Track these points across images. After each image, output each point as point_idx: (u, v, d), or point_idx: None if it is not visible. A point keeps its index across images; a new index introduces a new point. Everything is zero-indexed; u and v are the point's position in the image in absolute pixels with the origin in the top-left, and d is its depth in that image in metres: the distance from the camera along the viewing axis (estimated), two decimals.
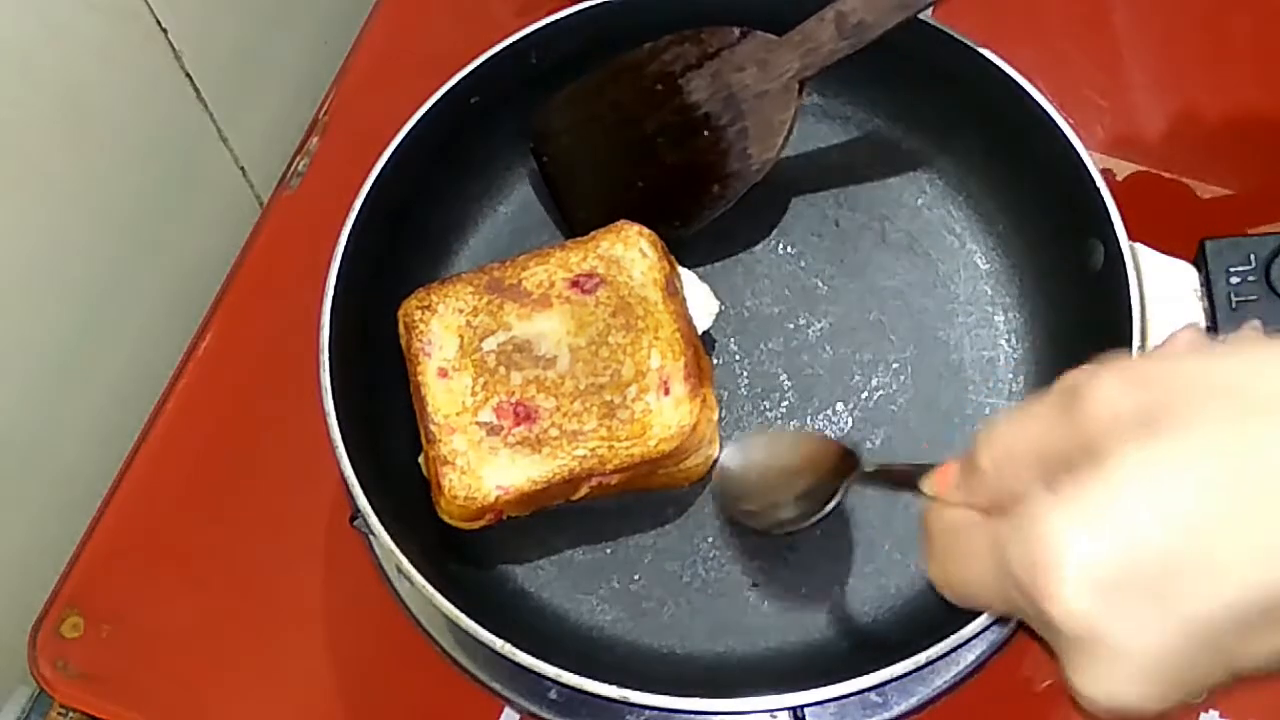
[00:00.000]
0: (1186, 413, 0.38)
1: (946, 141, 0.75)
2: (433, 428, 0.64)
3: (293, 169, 0.82)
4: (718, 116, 0.67)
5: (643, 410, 0.64)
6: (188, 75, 0.80)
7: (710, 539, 0.68)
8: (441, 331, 0.66)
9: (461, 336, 0.66)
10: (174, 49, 0.78)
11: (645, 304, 0.66)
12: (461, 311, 0.66)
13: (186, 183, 0.83)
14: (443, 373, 0.65)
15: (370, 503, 0.63)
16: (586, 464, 0.63)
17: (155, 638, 0.71)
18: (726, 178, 0.70)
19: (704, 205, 0.71)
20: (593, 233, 0.68)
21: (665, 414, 0.63)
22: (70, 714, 0.74)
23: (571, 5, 0.74)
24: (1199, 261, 0.67)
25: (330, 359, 0.66)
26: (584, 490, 0.65)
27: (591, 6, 0.74)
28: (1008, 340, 0.72)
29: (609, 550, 0.68)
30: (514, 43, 0.73)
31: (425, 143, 0.71)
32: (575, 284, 0.66)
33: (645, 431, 0.63)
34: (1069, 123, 0.69)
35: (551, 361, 0.65)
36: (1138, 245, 0.66)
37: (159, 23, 0.76)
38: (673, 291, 0.66)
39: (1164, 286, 0.66)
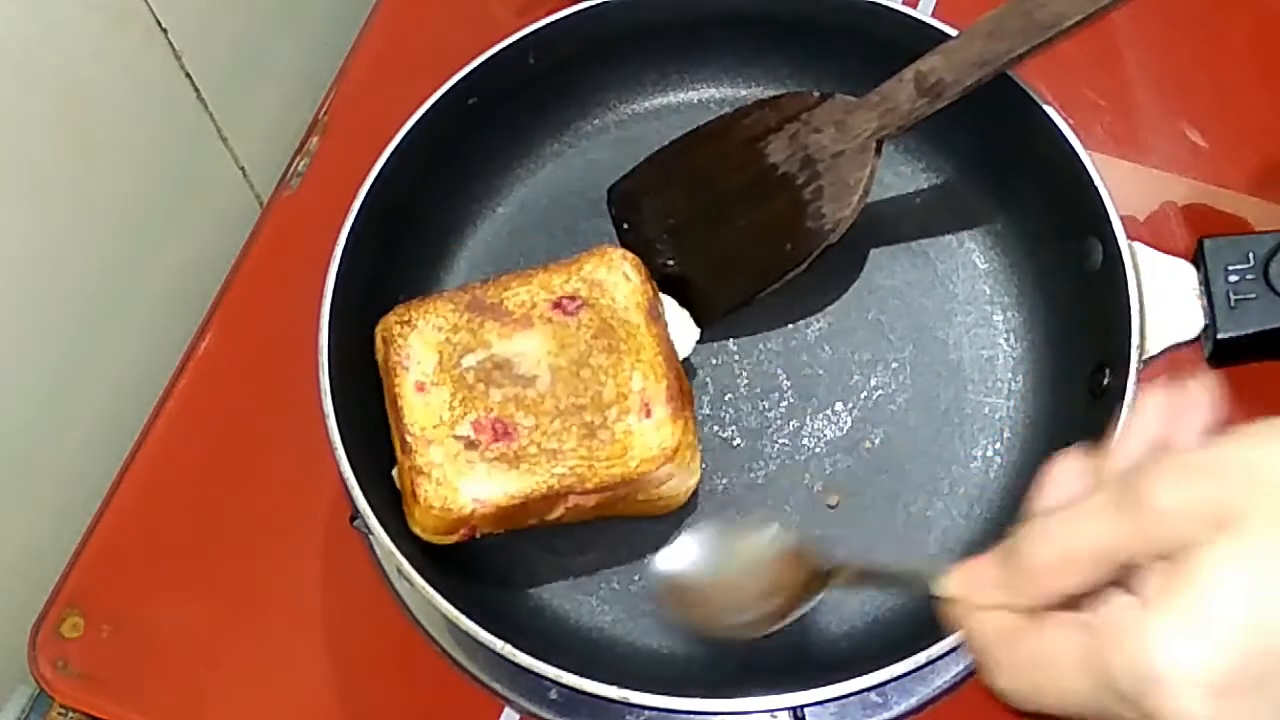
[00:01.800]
0: (1259, 505, 0.39)
1: (946, 141, 0.75)
2: (408, 439, 0.63)
3: (293, 169, 0.82)
4: (794, 177, 0.67)
5: (624, 431, 0.63)
6: (188, 75, 0.80)
7: None
8: (420, 347, 0.65)
9: (440, 353, 0.65)
10: (174, 49, 0.78)
11: (627, 327, 0.66)
12: (441, 329, 0.66)
13: (186, 183, 0.83)
14: (420, 387, 0.65)
15: (370, 503, 0.63)
16: (565, 482, 0.63)
17: (155, 638, 0.71)
18: (801, 236, 0.69)
19: (779, 265, 0.70)
20: (577, 255, 0.68)
21: (647, 436, 0.63)
22: (70, 714, 0.74)
23: (571, 5, 0.74)
24: (1198, 260, 0.67)
25: (330, 359, 0.66)
26: (559, 511, 0.64)
27: (591, 6, 0.74)
28: (1006, 339, 0.72)
29: (609, 551, 0.68)
30: (514, 43, 0.73)
31: (425, 143, 0.72)
32: (558, 305, 0.66)
33: (626, 452, 0.63)
34: (1069, 123, 0.69)
35: (531, 380, 0.65)
36: (1136, 244, 0.66)
37: (159, 23, 0.76)
38: (655, 316, 0.66)
39: (1163, 285, 0.66)
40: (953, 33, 0.71)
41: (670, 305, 0.69)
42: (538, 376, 0.65)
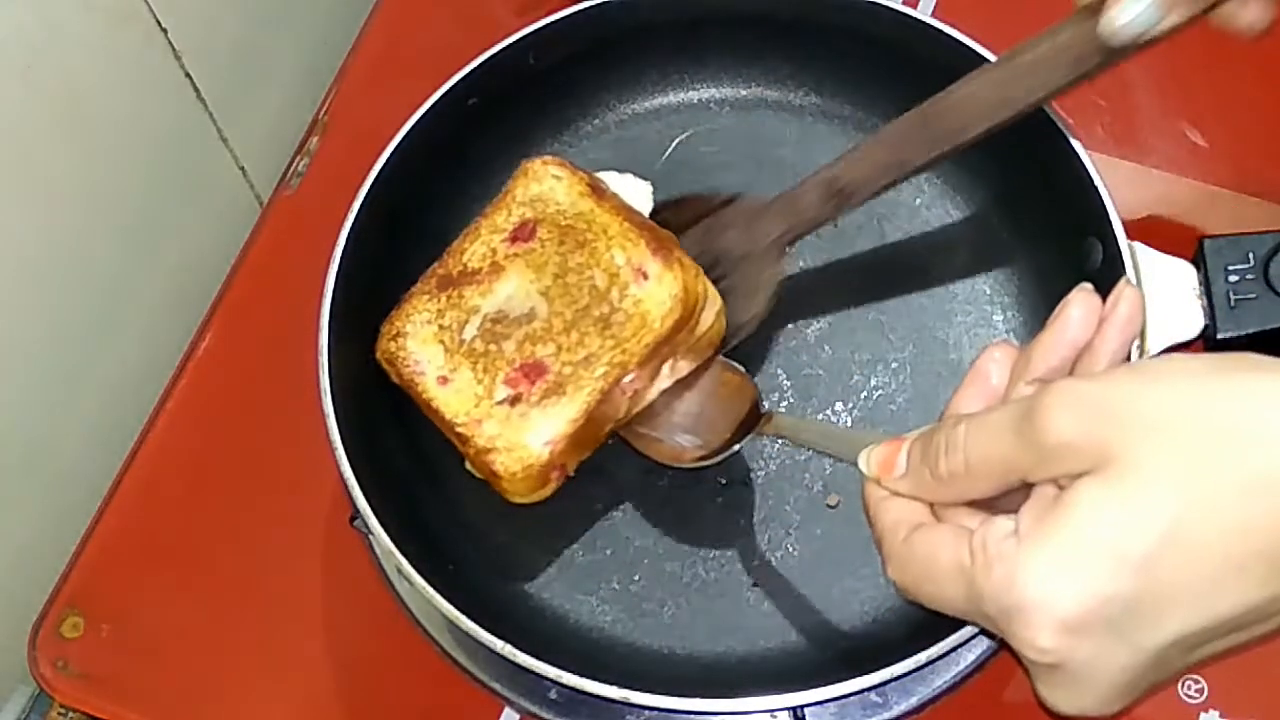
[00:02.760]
0: (1137, 450, 0.41)
1: None
2: (460, 429, 0.64)
3: (293, 169, 0.82)
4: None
5: (633, 303, 0.64)
6: (188, 75, 0.80)
7: (710, 539, 0.68)
8: (421, 347, 0.66)
9: (441, 342, 0.66)
10: (174, 49, 0.78)
11: (583, 217, 0.66)
12: (429, 320, 0.66)
13: (186, 182, 0.83)
14: (443, 381, 0.65)
15: (370, 503, 0.63)
16: (610, 376, 0.63)
17: (155, 638, 0.71)
18: None
19: None
20: (504, 187, 0.68)
21: (654, 293, 0.64)
22: (70, 714, 0.74)
23: (571, 5, 0.74)
24: (1198, 260, 0.67)
25: (330, 359, 0.66)
26: (625, 406, 0.65)
27: (591, 6, 0.74)
28: (1007, 340, 0.72)
29: (609, 551, 0.68)
30: (513, 43, 0.73)
31: (425, 143, 0.72)
32: (514, 239, 0.67)
33: (645, 319, 0.63)
34: (1069, 123, 0.69)
35: (530, 314, 0.65)
36: (1136, 244, 0.66)
37: (159, 23, 0.76)
38: (601, 193, 0.67)
39: (1163, 285, 0.66)
40: (952, 33, 0.71)
41: (611, 177, 0.69)
42: (534, 307, 0.65)
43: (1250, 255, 0.66)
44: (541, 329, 0.65)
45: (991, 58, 0.70)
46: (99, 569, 0.73)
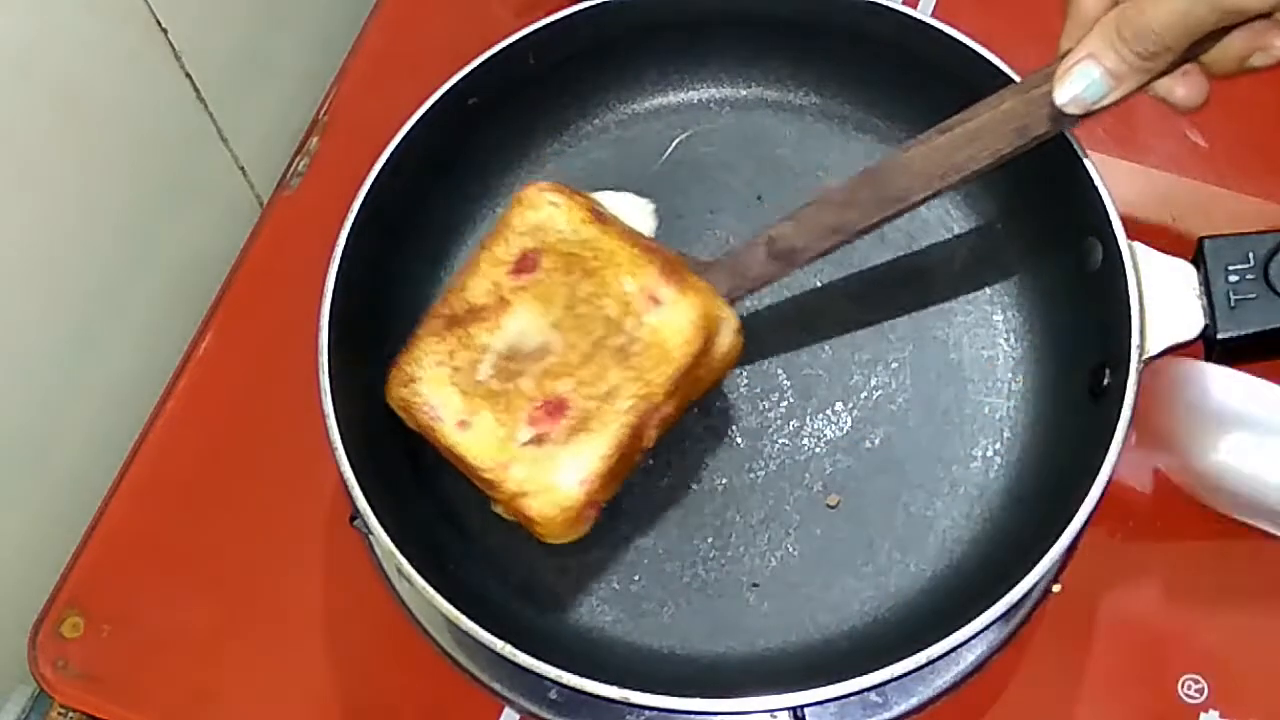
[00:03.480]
0: None
1: None
2: (488, 476, 0.62)
3: (293, 169, 0.82)
4: None
5: (650, 331, 0.62)
6: (188, 75, 0.80)
7: (710, 539, 0.68)
8: (435, 391, 0.63)
9: (455, 384, 0.63)
10: (174, 49, 0.78)
11: (587, 245, 0.64)
12: (441, 363, 0.64)
13: (186, 183, 0.83)
14: (462, 425, 0.63)
15: (370, 503, 0.63)
16: (638, 410, 0.61)
17: (155, 638, 0.71)
18: None
19: None
20: (500, 217, 0.66)
21: (671, 320, 0.62)
22: (70, 714, 0.74)
23: (571, 5, 0.74)
24: (1198, 260, 0.67)
25: (330, 359, 0.66)
26: (653, 434, 0.63)
27: (591, 6, 0.74)
28: (1006, 339, 0.72)
29: (609, 551, 0.68)
30: (513, 43, 0.73)
31: (424, 143, 0.71)
32: (517, 270, 0.64)
33: (665, 348, 0.62)
34: None
35: (545, 349, 0.63)
36: (1136, 244, 0.66)
37: (159, 23, 0.76)
38: (603, 218, 0.65)
39: (1163, 285, 0.66)
40: (952, 33, 0.71)
41: (609, 198, 0.68)
42: (547, 341, 0.63)
43: (1250, 255, 0.66)
44: (558, 364, 0.62)
45: (991, 57, 0.71)
46: (99, 569, 0.73)
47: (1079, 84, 0.59)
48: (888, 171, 0.65)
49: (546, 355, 0.63)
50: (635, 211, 0.68)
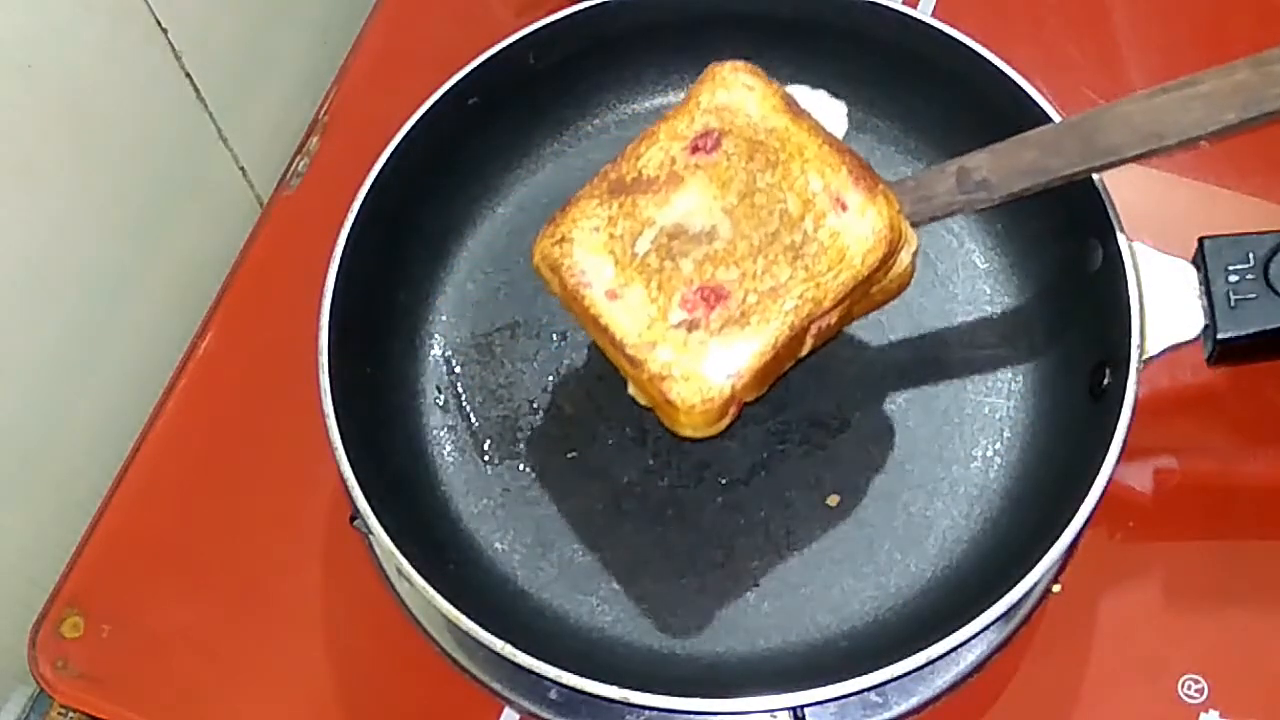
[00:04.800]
0: None
1: (945, 140, 0.75)
2: (630, 351, 0.59)
3: (293, 169, 0.82)
4: None
5: (830, 235, 0.59)
6: (188, 75, 0.80)
7: (710, 539, 0.68)
8: (588, 256, 0.60)
9: (611, 252, 0.60)
10: (174, 49, 0.78)
11: (776, 134, 0.61)
12: (598, 228, 0.61)
13: (186, 183, 0.83)
14: (612, 295, 0.60)
15: (370, 503, 0.63)
16: (802, 312, 0.59)
17: (155, 638, 0.71)
18: None
19: None
20: (688, 91, 0.63)
21: (855, 227, 0.59)
22: (70, 714, 0.74)
23: (571, 5, 0.74)
24: (1198, 260, 0.67)
25: (330, 359, 0.66)
26: (809, 343, 0.61)
27: (591, 7, 0.74)
28: (1006, 339, 0.72)
29: (609, 551, 0.68)
30: (513, 43, 0.73)
31: (424, 143, 0.72)
32: (695, 148, 0.61)
33: (844, 254, 0.59)
34: None
35: (712, 233, 0.60)
36: (1136, 244, 0.66)
37: (159, 23, 0.76)
38: (797, 110, 0.62)
39: (1163, 285, 0.66)
40: (952, 33, 0.71)
41: (801, 93, 0.65)
42: (716, 226, 0.60)
43: (1250, 255, 0.66)
44: (724, 250, 0.59)
45: (991, 57, 0.71)
46: (99, 569, 0.73)
47: None
48: (1101, 122, 0.62)
49: (713, 240, 0.60)
50: (828, 111, 0.64)
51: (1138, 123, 0.61)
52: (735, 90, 0.62)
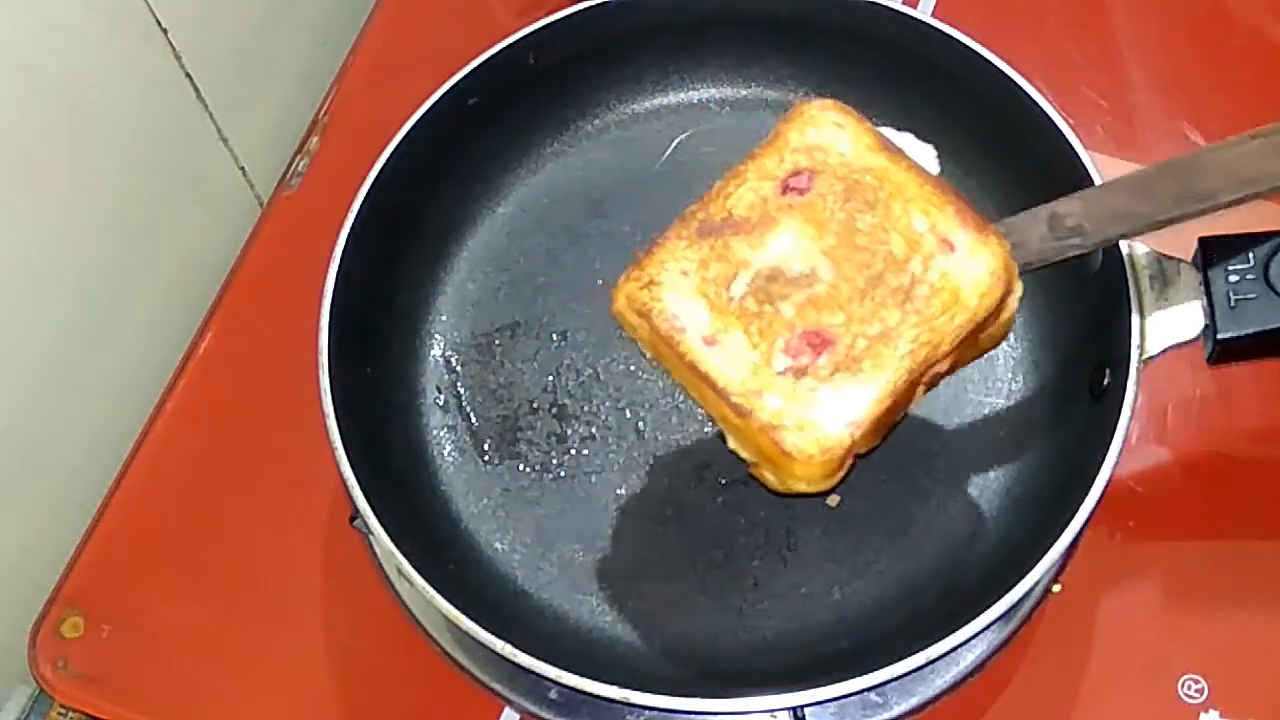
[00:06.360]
0: None
1: (946, 140, 0.75)
2: (736, 400, 0.56)
3: (293, 169, 0.82)
4: None
5: (940, 275, 0.57)
6: (188, 75, 0.80)
7: (710, 540, 0.68)
8: (681, 300, 0.57)
9: (705, 295, 0.57)
10: (174, 49, 0.78)
11: (873, 173, 0.59)
12: (688, 271, 0.58)
13: (186, 183, 0.83)
14: (710, 341, 0.57)
15: (370, 503, 0.63)
16: (919, 357, 0.56)
17: (155, 638, 0.71)
18: None
19: None
20: (774, 129, 0.61)
21: (967, 268, 0.57)
22: (70, 714, 0.74)
23: (571, 5, 0.74)
24: (1198, 260, 0.67)
25: (330, 359, 0.66)
26: (921, 391, 0.59)
27: (591, 6, 0.74)
28: (1007, 339, 0.72)
29: (609, 551, 0.68)
30: (513, 43, 0.73)
31: (424, 143, 0.72)
32: (786, 189, 0.59)
33: (958, 296, 0.57)
34: (1069, 123, 0.69)
35: (812, 276, 0.57)
36: (1136, 244, 0.66)
37: (159, 23, 0.76)
38: (893, 149, 0.60)
39: (1163, 285, 0.66)
40: (952, 33, 0.71)
41: (888, 133, 0.63)
42: (816, 268, 0.58)
43: (1250, 255, 0.66)
44: (827, 294, 0.57)
45: (991, 57, 0.71)
46: (99, 569, 0.73)
47: None
48: (1195, 168, 0.60)
49: (814, 283, 0.57)
50: (918, 153, 0.62)
51: (1231, 169, 0.60)
52: (825, 129, 0.60)
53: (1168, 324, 0.65)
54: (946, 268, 0.57)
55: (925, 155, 0.62)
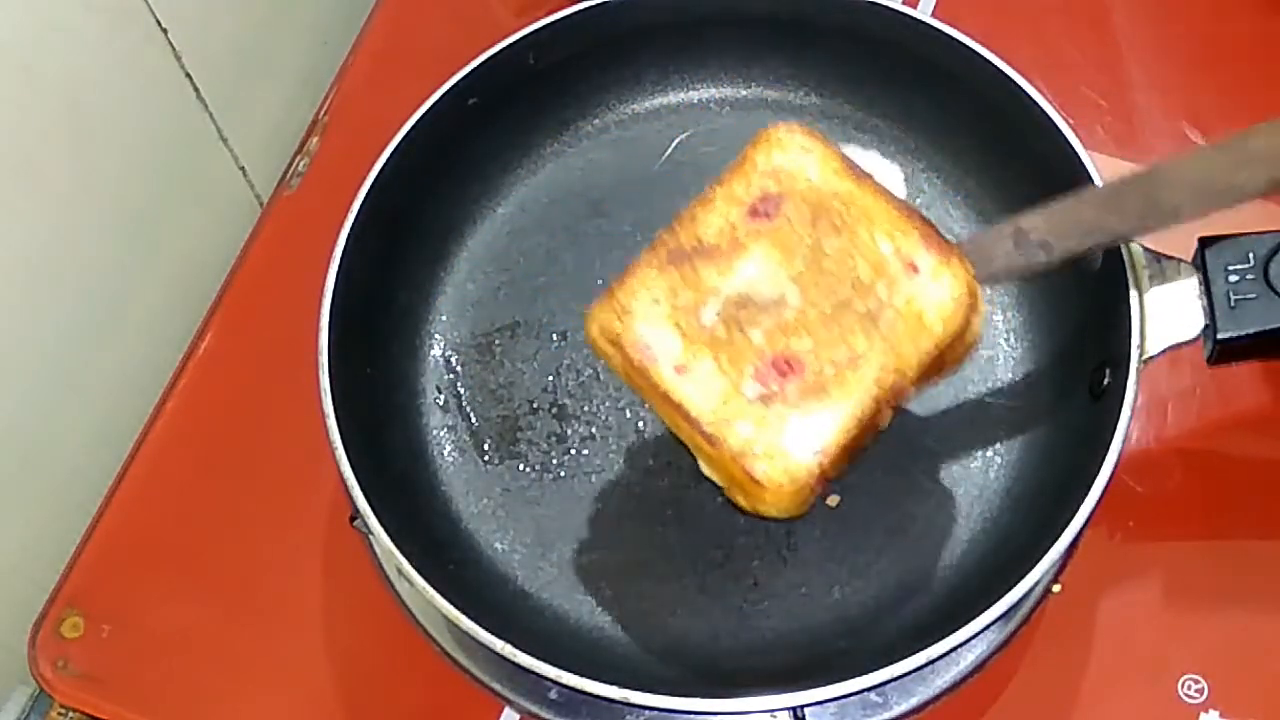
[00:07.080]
0: None
1: (945, 140, 0.75)
2: (708, 429, 0.57)
3: (293, 169, 0.82)
4: None
5: (905, 300, 0.57)
6: (188, 75, 0.80)
7: (710, 539, 0.68)
8: (651, 329, 0.58)
9: (676, 324, 0.58)
10: (174, 49, 0.78)
11: (839, 197, 0.59)
12: (659, 300, 0.58)
13: (186, 183, 0.83)
14: (680, 369, 0.58)
15: (370, 503, 0.63)
16: (885, 382, 0.57)
17: (155, 638, 0.71)
18: None
19: None
20: (740, 154, 0.61)
21: (931, 291, 0.57)
22: (70, 714, 0.74)
23: (571, 5, 0.74)
24: (1198, 260, 0.67)
25: (330, 359, 0.66)
26: (888, 414, 0.59)
27: (591, 6, 0.74)
28: (1006, 339, 0.72)
29: (609, 551, 0.68)
30: (513, 43, 0.73)
31: (424, 143, 0.72)
32: (754, 213, 0.59)
33: (921, 319, 0.57)
34: (1069, 123, 0.69)
35: (781, 301, 0.58)
36: (1136, 244, 0.66)
37: (159, 23, 0.76)
38: (859, 173, 0.60)
39: (1162, 285, 0.66)
40: (952, 33, 0.71)
41: (854, 153, 0.63)
42: (784, 294, 0.58)
43: (1250, 255, 0.66)
44: (795, 320, 0.57)
45: (991, 57, 0.71)
46: (99, 569, 0.73)
47: None
48: (1159, 181, 0.60)
49: (782, 309, 0.58)
50: (883, 174, 0.62)
51: (1196, 182, 0.60)
52: (791, 152, 0.60)
53: (1168, 324, 0.65)
54: (911, 292, 0.58)
55: (891, 176, 0.63)
